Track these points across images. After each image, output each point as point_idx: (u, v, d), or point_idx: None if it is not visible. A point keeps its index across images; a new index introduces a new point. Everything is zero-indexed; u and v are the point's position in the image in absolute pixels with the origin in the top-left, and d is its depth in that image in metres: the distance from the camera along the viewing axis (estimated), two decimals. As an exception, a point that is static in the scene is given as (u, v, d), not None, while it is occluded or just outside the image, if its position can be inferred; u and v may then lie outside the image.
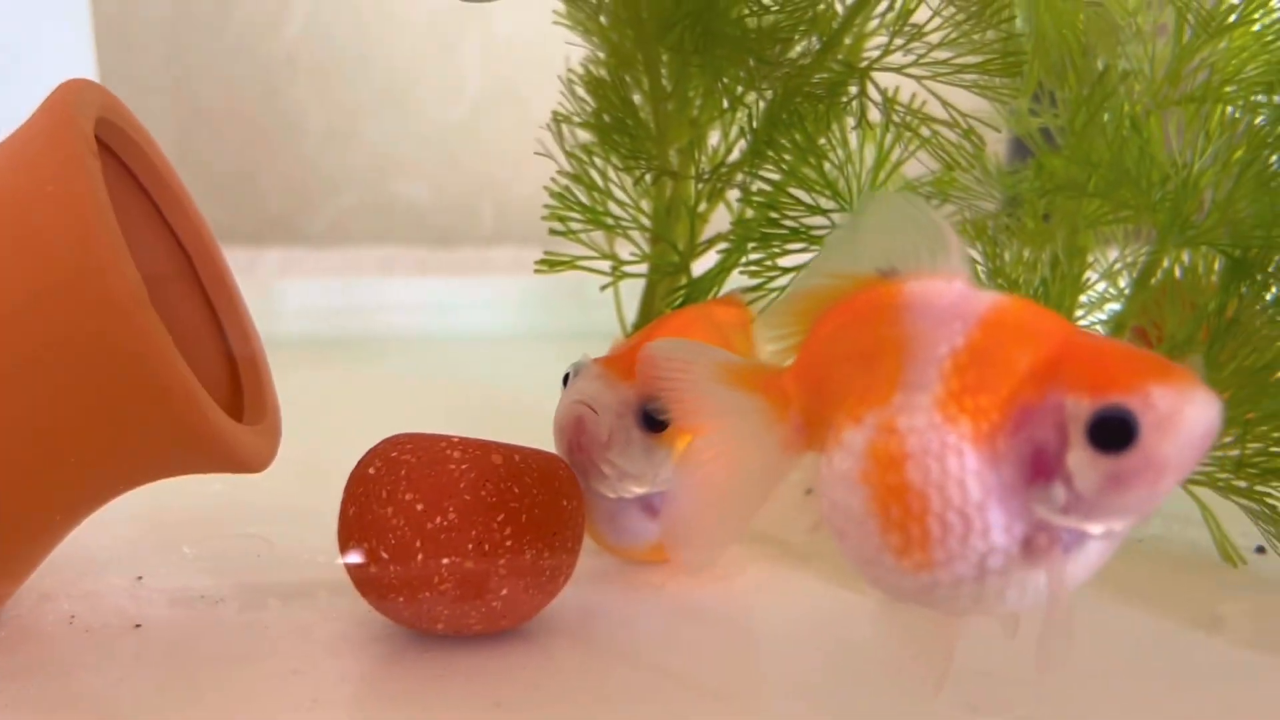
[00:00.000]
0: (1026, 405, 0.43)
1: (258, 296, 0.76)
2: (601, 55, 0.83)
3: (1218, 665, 0.63)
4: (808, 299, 0.50)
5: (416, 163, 1.80)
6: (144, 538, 0.77)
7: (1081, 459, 0.42)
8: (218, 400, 0.63)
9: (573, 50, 0.87)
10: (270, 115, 1.79)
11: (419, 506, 0.61)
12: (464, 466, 0.62)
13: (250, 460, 0.64)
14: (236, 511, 0.82)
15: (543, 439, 0.68)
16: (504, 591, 0.62)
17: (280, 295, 1.43)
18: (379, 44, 1.78)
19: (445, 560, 0.60)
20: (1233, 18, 0.71)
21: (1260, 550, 0.75)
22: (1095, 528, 0.43)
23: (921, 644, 0.49)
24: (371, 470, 0.63)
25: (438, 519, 0.61)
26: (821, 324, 0.49)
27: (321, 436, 0.76)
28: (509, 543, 0.61)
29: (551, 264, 0.78)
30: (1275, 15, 0.73)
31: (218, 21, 1.75)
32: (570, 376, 0.69)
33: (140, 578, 0.71)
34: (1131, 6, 0.71)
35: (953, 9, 0.70)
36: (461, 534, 0.61)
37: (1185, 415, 0.41)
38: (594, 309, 1.28)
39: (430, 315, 1.49)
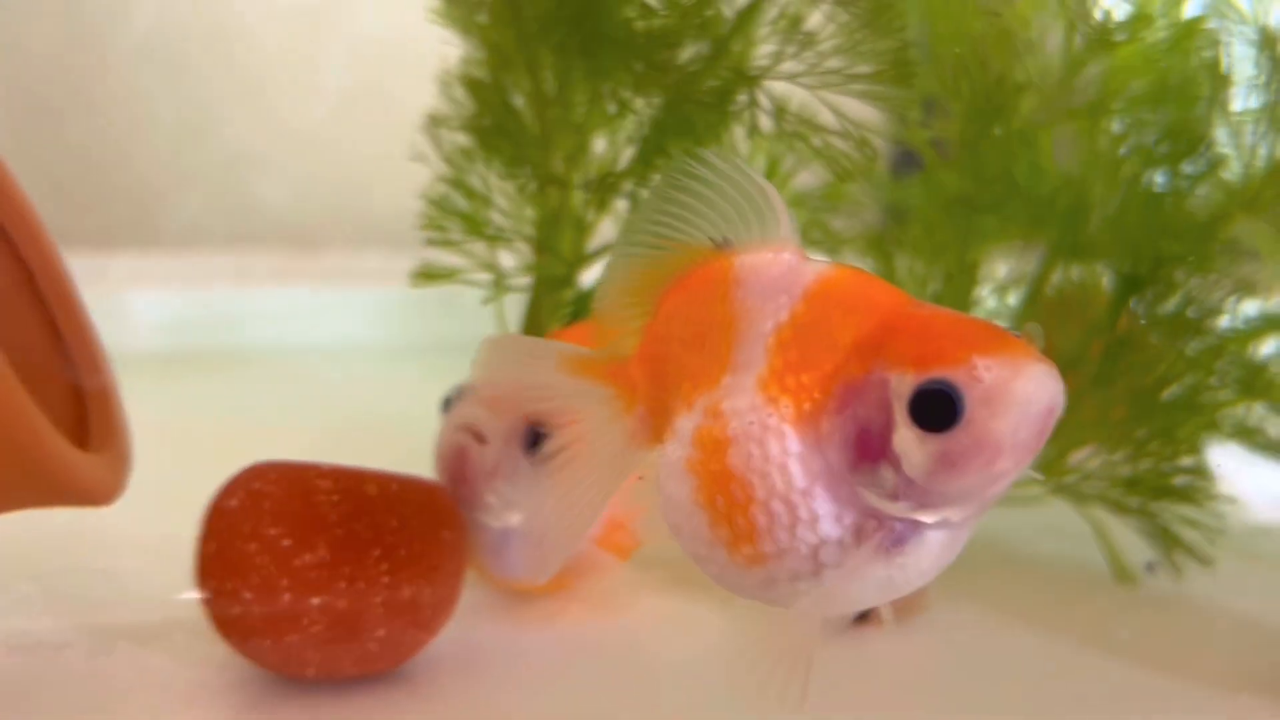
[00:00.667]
0: (850, 382, 0.40)
1: (103, 306, 0.70)
2: (480, 55, 0.79)
3: (1113, 685, 0.62)
4: (645, 275, 0.46)
5: (276, 162, 1.73)
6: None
7: (907, 439, 0.39)
8: (60, 426, 0.57)
9: (443, 47, 0.83)
10: (117, 109, 1.69)
11: (285, 542, 0.56)
12: (335, 498, 0.58)
13: (95, 492, 0.58)
14: (79, 543, 0.75)
15: (416, 461, 0.64)
16: (380, 632, 0.57)
17: (128, 305, 1.34)
18: (237, 34, 1.70)
19: (315, 600, 0.56)
20: (1120, 36, 0.71)
21: (1150, 568, 0.75)
22: (929, 516, 0.40)
23: (777, 652, 0.45)
24: (233, 503, 0.58)
25: (306, 555, 0.56)
26: (661, 304, 0.46)
27: (174, 460, 0.70)
28: (386, 579, 0.57)
29: (430, 276, 0.73)
30: (1160, 34, 0.73)
31: (59, 6, 1.65)
32: (451, 401, 0.65)
33: (-29, 622, 0.64)
34: (1026, 18, 0.70)
35: (846, 16, 0.68)
36: (333, 571, 0.56)
37: (1015, 389, 0.37)
38: (468, 319, 1.23)
39: (292, 326, 1.42)
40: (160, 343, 1.33)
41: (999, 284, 0.78)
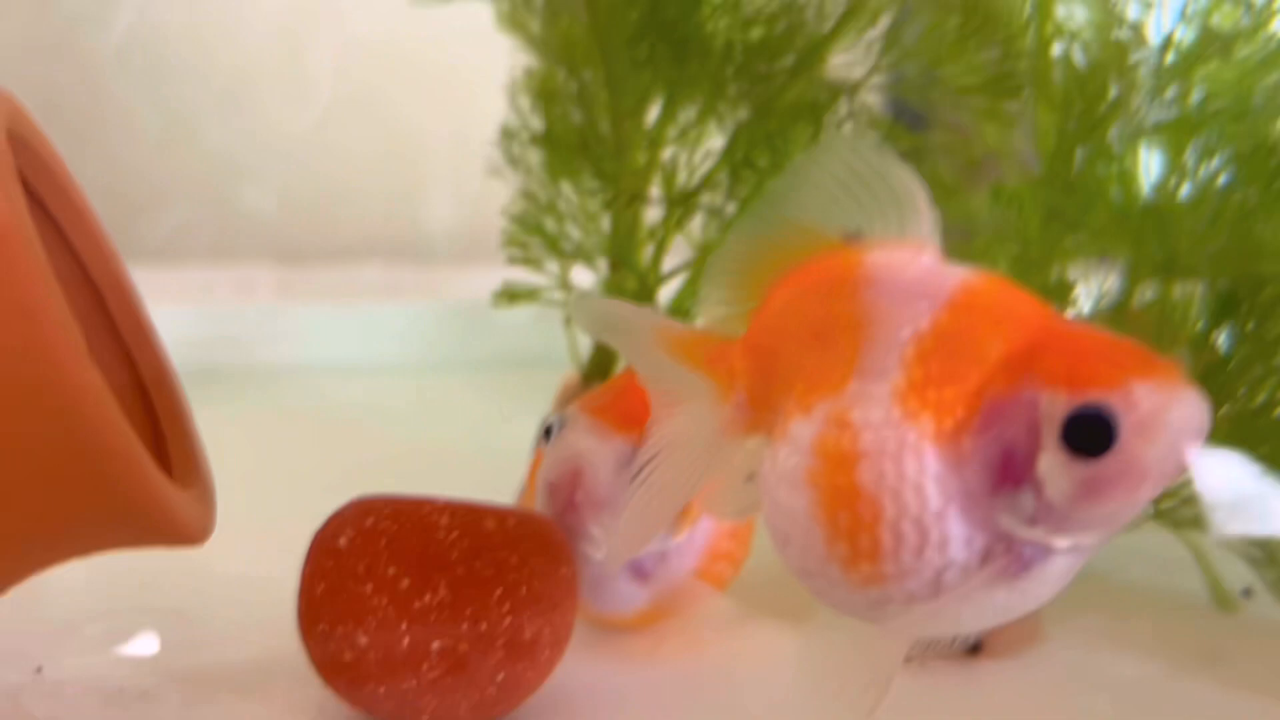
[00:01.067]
0: (997, 400, 0.38)
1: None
2: (550, 68, 0.76)
3: (1216, 711, 0.61)
4: (764, 258, 0.44)
5: (263, 171, 1.67)
6: (26, 615, 0.65)
7: (1054, 463, 0.37)
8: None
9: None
10: (94, 116, 1.64)
11: (404, 582, 0.53)
12: (454, 534, 0.54)
13: (192, 530, 0.55)
14: (133, 578, 0.70)
15: (467, 486, 0.61)
16: (500, 675, 0.54)
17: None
18: (220, 39, 1.65)
19: (436, 643, 0.53)
20: (1218, 49, 0.69)
21: (1246, 593, 0.73)
22: (1062, 541, 0.38)
23: (857, 665, 0.44)
24: (342, 541, 0.54)
25: (427, 596, 0.53)
26: (776, 292, 0.43)
27: (219, 488, 0.66)
28: (508, 620, 0.54)
29: (511, 296, 0.70)
30: (1251, 50, 0.71)
31: (35, 10, 1.59)
32: (554, 429, 0.62)
33: (39, 669, 0.60)
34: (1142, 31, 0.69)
35: (954, 23, 0.66)
36: (455, 612, 0.53)
37: (1170, 416, 0.36)
38: (492, 336, 1.19)
39: (282, 342, 1.36)
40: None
41: (1092, 310, 0.77)
